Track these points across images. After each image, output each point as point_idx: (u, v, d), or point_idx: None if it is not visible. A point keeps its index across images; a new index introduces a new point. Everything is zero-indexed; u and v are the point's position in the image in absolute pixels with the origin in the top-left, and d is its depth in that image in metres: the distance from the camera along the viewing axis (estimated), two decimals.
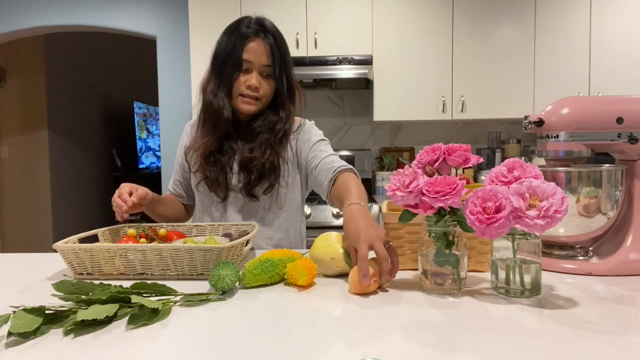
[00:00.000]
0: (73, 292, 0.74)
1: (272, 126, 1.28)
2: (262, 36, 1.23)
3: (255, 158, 1.24)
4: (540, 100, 2.91)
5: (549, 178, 0.92)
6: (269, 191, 1.28)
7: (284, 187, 1.31)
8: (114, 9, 3.37)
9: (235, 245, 0.93)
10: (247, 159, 1.25)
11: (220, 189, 1.28)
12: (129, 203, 1.11)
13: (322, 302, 0.78)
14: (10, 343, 0.62)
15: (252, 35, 1.23)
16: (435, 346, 0.59)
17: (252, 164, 1.25)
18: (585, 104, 0.96)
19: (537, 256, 0.78)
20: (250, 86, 1.22)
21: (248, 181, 1.26)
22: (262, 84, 1.24)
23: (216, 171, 1.26)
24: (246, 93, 1.23)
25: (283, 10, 2.89)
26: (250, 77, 1.22)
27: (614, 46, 2.88)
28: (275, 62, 1.24)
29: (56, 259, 1.11)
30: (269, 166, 1.25)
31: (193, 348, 0.60)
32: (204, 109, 1.29)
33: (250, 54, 1.22)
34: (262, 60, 1.23)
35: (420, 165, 0.88)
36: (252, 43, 1.22)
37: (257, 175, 1.25)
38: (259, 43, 1.23)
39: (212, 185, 1.28)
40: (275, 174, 1.27)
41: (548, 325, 0.66)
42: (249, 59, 1.22)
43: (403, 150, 3.31)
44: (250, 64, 1.23)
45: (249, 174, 1.26)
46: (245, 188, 1.27)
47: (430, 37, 2.93)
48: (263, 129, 1.27)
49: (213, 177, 1.26)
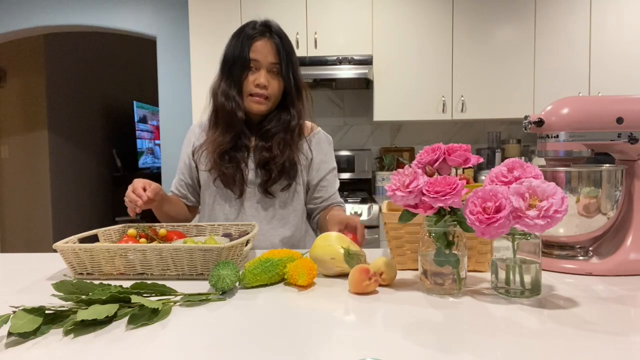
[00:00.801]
0: (73, 292, 0.75)
1: (287, 125, 1.30)
2: (268, 36, 1.26)
3: (276, 157, 1.26)
4: (540, 100, 2.91)
5: (549, 178, 0.92)
6: (287, 189, 1.32)
7: (300, 185, 1.35)
8: (114, 9, 3.37)
9: (235, 245, 0.93)
10: (266, 158, 1.27)
11: (236, 185, 1.29)
12: (144, 198, 1.11)
13: (322, 302, 0.78)
14: (10, 343, 0.62)
15: (258, 35, 1.26)
16: (435, 346, 0.59)
17: (272, 162, 1.27)
18: (585, 104, 0.96)
19: (537, 256, 0.78)
20: (259, 84, 1.25)
21: (267, 179, 1.28)
22: (270, 82, 1.26)
23: (232, 168, 1.28)
24: (255, 92, 1.26)
25: (283, 10, 2.89)
26: (259, 76, 1.25)
27: (614, 46, 2.88)
28: (282, 60, 1.26)
29: (56, 259, 1.11)
30: (288, 164, 1.28)
31: (193, 348, 0.60)
32: (216, 112, 1.31)
33: (257, 53, 1.25)
34: (269, 59, 1.25)
35: (420, 165, 0.88)
36: (258, 42, 1.25)
37: (277, 174, 1.28)
38: (265, 42, 1.25)
39: (228, 182, 1.29)
40: (294, 172, 1.31)
41: (548, 325, 0.66)
42: (256, 57, 1.25)
43: (403, 150, 3.31)
44: (258, 63, 1.25)
45: (268, 172, 1.28)
46: (264, 186, 1.29)
47: (430, 37, 2.93)
48: (279, 128, 1.30)
49: (229, 173, 1.28)
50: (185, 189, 1.41)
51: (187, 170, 1.39)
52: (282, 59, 1.26)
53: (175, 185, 1.42)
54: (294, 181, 1.32)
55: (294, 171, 1.30)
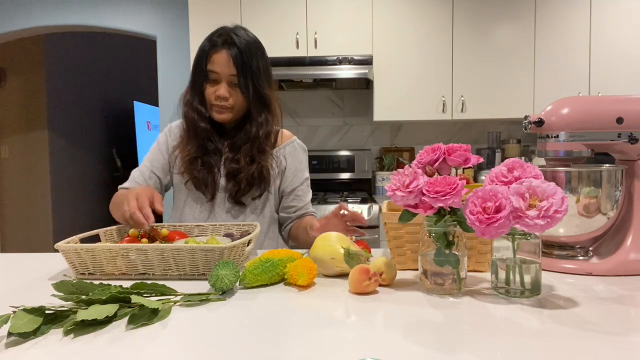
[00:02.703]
0: (73, 292, 0.75)
1: (253, 135, 1.29)
2: (227, 47, 1.23)
3: (243, 168, 1.27)
4: (540, 100, 2.91)
5: (549, 178, 0.92)
6: (258, 198, 1.32)
7: (271, 193, 1.35)
8: (114, 9, 3.37)
9: (237, 245, 0.93)
10: (235, 169, 1.28)
11: (207, 188, 1.29)
12: (150, 221, 1.03)
13: (322, 302, 0.78)
14: (10, 343, 0.62)
15: (219, 45, 1.24)
16: (435, 346, 0.59)
17: (240, 174, 1.27)
18: (585, 104, 0.96)
19: (537, 256, 0.78)
20: (219, 96, 1.24)
21: (237, 190, 1.28)
22: (232, 94, 1.25)
23: (204, 171, 1.28)
24: (215, 103, 1.26)
25: (283, 10, 2.89)
26: (219, 88, 1.24)
27: (614, 46, 2.88)
28: (239, 72, 1.23)
29: (56, 259, 1.11)
30: (258, 175, 1.28)
31: (193, 348, 0.60)
32: (183, 119, 1.32)
33: (216, 65, 1.24)
34: (227, 71, 1.23)
35: (420, 165, 0.88)
36: (216, 54, 1.24)
37: (247, 185, 1.28)
38: (223, 54, 1.23)
39: (199, 184, 1.29)
40: (265, 182, 1.30)
41: (548, 325, 0.66)
42: (214, 69, 1.24)
43: (403, 150, 3.31)
44: (217, 75, 1.24)
45: (237, 184, 1.28)
46: (234, 197, 1.29)
47: (430, 37, 2.93)
48: (244, 139, 1.29)
49: (201, 177, 1.28)
50: (151, 180, 1.34)
51: (160, 164, 1.36)
52: (240, 72, 1.23)
53: (141, 177, 1.34)
54: (266, 190, 1.32)
55: (264, 182, 1.30)
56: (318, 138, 3.36)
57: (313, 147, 3.33)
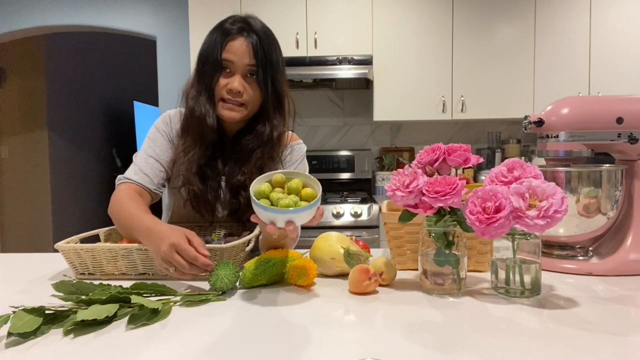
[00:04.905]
0: (73, 292, 0.75)
1: (265, 140, 1.13)
2: (246, 34, 1.09)
3: (248, 181, 1.06)
4: (540, 100, 2.91)
5: (549, 178, 0.92)
6: None
7: None
8: (114, 9, 3.37)
9: (237, 245, 0.93)
10: (240, 183, 1.10)
11: (207, 211, 1.13)
12: (210, 268, 0.84)
13: (322, 302, 0.78)
14: (10, 343, 0.62)
15: (235, 33, 1.09)
16: (435, 346, 0.59)
17: (245, 190, 1.09)
18: (585, 104, 0.96)
19: (537, 256, 0.78)
20: (232, 90, 1.07)
21: (238, 207, 1.13)
22: (246, 88, 1.09)
23: (205, 191, 1.11)
24: (227, 98, 1.08)
25: (283, 10, 2.89)
26: (232, 80, 1.08)
27: (614, 46, 2.88)
28: (258, 62, 1.08)
29: (56, 259, 1.11)
30: None
31: (193, 348, 0.60)
32: (187, 116, 1.14)
33: (231, 54, 1.07)
34: (244, 61, 1.08)
35: (420, 165, 0.88)
36: (233, 42, 1.08)
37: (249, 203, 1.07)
38: (241, 42, 1.08)
39: (198, 205, 1.12)
40: None
41: (548, 325, 0.66)
42: (229, 58, 1.08)
43: (403, 150, 3.31)
44: (232, 65, 1.08)
45: (238, 202, 1.12)
46: (234, 215, 1.15)
47: (430, 37, 2.93)
48: (256, 143, 1.13)
49: (201, 196, 1.11)
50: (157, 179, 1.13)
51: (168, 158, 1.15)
52: (259, 61, 1.08)
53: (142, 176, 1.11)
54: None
55: None
56: (318, 138, 3.36)
57: (313, 147, 3.33)
